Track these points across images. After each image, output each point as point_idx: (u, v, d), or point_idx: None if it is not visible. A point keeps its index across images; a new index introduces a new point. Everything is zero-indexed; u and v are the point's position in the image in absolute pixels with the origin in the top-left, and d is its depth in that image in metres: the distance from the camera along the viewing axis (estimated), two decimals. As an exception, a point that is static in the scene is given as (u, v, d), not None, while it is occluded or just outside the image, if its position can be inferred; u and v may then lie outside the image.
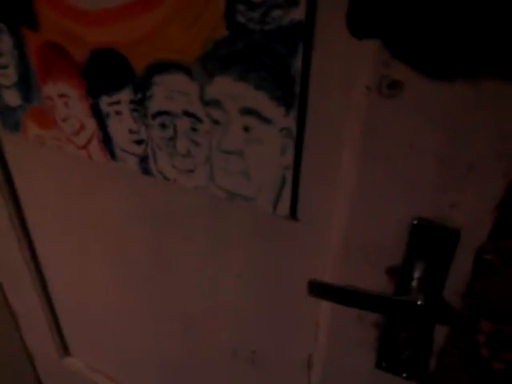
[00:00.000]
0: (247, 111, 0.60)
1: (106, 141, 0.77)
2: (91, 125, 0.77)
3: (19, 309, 1.28)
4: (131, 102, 0.70)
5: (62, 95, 0.77)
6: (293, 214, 0.63)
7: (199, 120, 0.64)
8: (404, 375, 0.63)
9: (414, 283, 0.54)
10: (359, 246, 0.59)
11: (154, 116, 0.69)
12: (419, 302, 0.51)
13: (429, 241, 0.52)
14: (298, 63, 0.53)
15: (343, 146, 0.55)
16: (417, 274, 0.54)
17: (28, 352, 1.38)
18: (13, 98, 0.84)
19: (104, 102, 0.73)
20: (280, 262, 0.69)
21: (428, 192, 0.51)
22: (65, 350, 1.27)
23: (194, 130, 0.66)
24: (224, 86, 0.60)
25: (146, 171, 0.75)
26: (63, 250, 1.02)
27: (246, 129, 0.61)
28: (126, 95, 0.70)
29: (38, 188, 0.95)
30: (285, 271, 0.70)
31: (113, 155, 0.77)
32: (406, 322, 0.57)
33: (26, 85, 0.81)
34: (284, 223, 0.65)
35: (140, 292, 0.94)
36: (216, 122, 0.63)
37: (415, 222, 0.52)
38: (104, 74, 0.70)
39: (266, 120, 0.59)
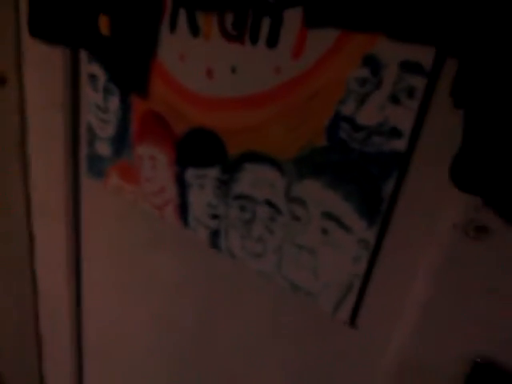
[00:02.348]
0: (329, 216, 0.63)
1: (183, 208, 0.81)
2: (172, 190, 0.82)
3: (47, 337, 1.30)
4: (217, 179, 0.74)
5: (151, 157, 0.83)
6: (352, 320, 0.65)
7: (279, 212, 0.68)
8: None
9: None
10: (415, 369, 0.60)
11: (236, 197, 0.73)
12: None
13: (490, 381, 0.53)
14: (389, 187, 0.57)
15: (417, 269, 0.58)
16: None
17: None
18: (104, 149, 0.91)
19: (190, 173, 0.78)
20: (329, 364, 0.70)
21: (501, 334, 0.52)
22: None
23: (272, 219, 0.70)
24: (311, 189, 0.64)
25: (215, 245, 0.78)
26: (110, 299, 1.06)
27: (324, 231, 0.64)
28: (213, 173, 0.75)
29: (103, 232, 1.00)
30: (333, 376, 0.70)
31: (185, 222, 0.82)
32: None
33: (120, 141, 0.87)
34: (341, 327, 0.66)
35: (179, 360, 0.95)
36: (296, 218, 0.67)
37: (479, 360, 0.53)
38: (197, 149, 0.75)
39: (346, 228, 0.62)
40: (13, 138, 1.13)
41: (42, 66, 0.99)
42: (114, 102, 0.85)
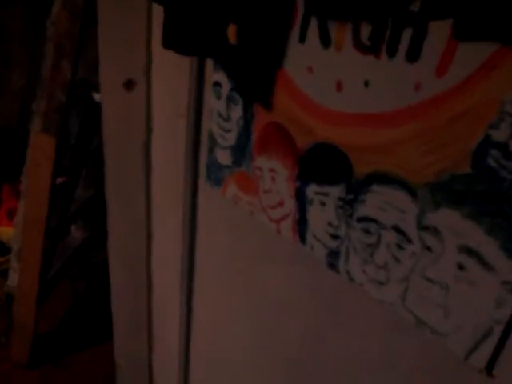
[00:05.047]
0: (467, 250, 0.56)
1: (301, 224, 0.78)
2: (291, 205, 0.79)
3: (158, 331, 1.34)
4: (340, 198, 0.70)
5: (271, 170, 0.81)
6: (489, 369, 0.58)
7: (409, 240, 0.63)
8: None
9: None
10: None
11: (360, 220, 0.68)
12: None
13: None
14: (547, 226, 0.49)
15: None
16: None
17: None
18: (224, 158, 0.90)
19: (311, 189, 0.75)
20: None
21: None
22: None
23: (399, 246, 0.64)
24: (448, 219, 0.57)
25: (332, 266, 0.74)
26: (217, 307, 1.06)
27: (461, 266, 0.58)
28: (336, 191, 0.71)
29: (217, 239, 1.00)
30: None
31: (302, 239, 0.78)
32: None
33: (240, 150, 0.86)
34: (473, 375, 0.59)
35: (279, 379, 0.93)
36: (428, 249, 0.61)
37: None
38: (321, 165, 0.72)
39: (488, 267, 0.55)
40: (139, 139, 1.18)
41: (170, 72, 1.02)
42: (237, 111, 0.84)
